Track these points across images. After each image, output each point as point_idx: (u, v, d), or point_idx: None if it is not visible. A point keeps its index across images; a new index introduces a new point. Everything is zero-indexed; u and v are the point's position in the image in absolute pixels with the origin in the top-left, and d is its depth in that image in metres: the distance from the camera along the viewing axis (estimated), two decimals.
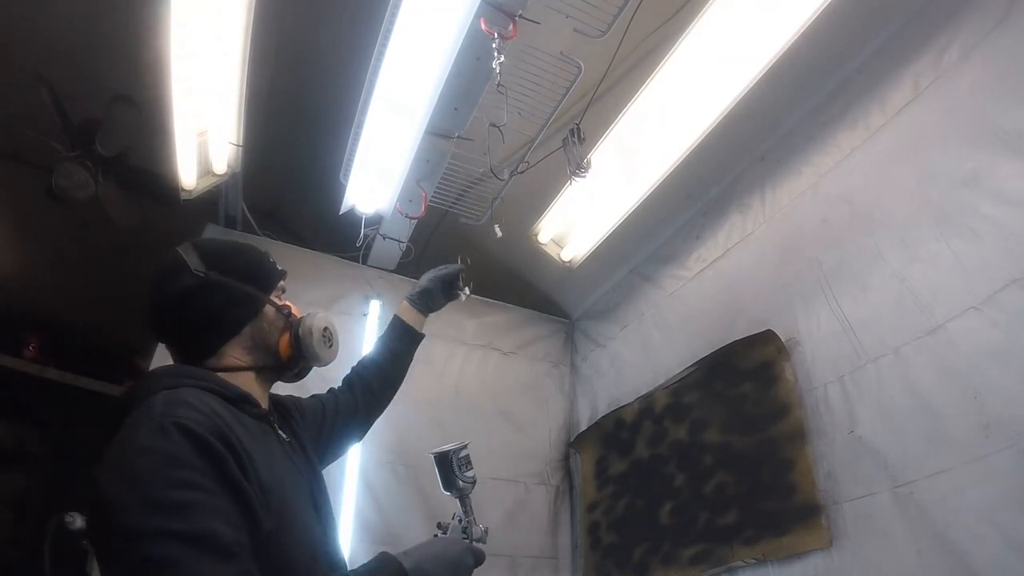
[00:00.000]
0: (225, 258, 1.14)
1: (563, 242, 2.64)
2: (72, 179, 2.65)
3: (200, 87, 1.95)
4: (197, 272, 1.08)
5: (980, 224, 1.50)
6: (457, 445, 1.25)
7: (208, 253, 1.13)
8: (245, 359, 1.10)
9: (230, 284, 1.10)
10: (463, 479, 1.22)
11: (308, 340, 1.14)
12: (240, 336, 1.10)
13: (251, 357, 1.11)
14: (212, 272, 1.09)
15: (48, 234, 3.50)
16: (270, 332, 1.13)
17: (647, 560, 2.20)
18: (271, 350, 1.13)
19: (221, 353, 1.09)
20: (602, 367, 2.86)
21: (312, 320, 1.17)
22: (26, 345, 4.24)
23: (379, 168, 2.11)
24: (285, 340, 1.14)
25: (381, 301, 2.72)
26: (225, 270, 1.11)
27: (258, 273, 1.16)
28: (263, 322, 1.13)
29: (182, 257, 1.10)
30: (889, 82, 1.81)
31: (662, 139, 2.09)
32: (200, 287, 1.08)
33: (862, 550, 1.57)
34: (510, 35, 1.60)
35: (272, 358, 1.13)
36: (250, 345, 1.11)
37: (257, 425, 1.03)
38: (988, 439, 1.36)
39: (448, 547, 1.10)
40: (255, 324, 1.12)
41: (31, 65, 2.37)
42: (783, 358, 1.90)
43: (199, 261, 1.10)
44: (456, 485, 1.22)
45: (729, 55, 1.81)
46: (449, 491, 1.23)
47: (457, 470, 1.22)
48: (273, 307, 1.15)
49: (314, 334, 1.15)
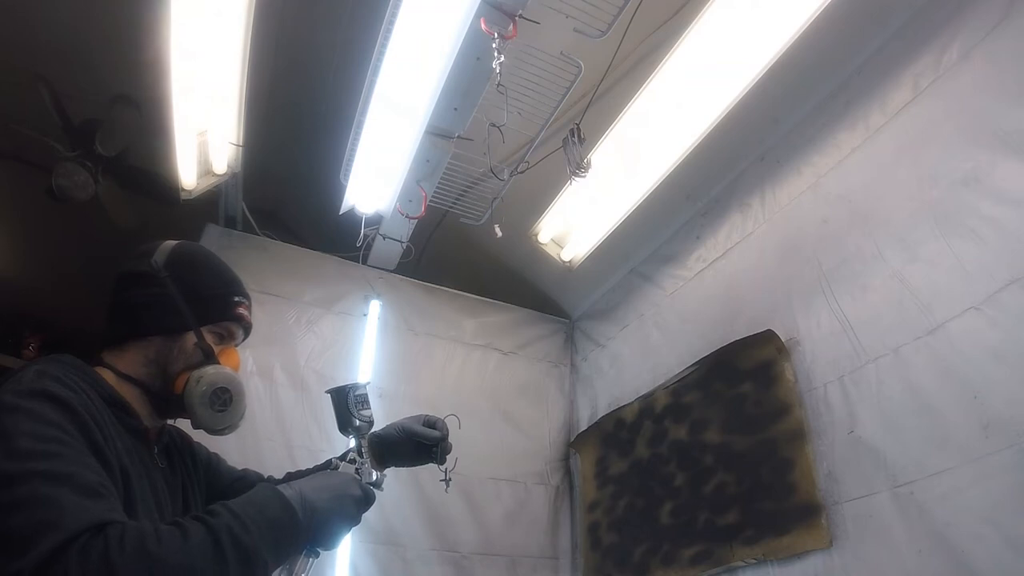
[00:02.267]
0: (191, 271, 1.11)
1: (563, 242, 2.64)
2: (72, 179, 2.65)
3: (200, 87, 1.95)
4: (153, 262, 1.08)
5: (980, 224, 1.50)
6: (355, 383, 1.21)
7: (179, 257, 1.11)
8: (138, 370, 1.04)
9: (168, 289, 1.07)
10: (359, 418, 1.17)
11: (191, 390, 1.03)
12: (145, 343, 1.05)
13: (145, 371, 1.04)
14: (165, 272, 1.07)
15: (48, 234, 3.50)
16: (176, 359, 1.06)
17: (647, 560, 2.20)
18: (166, 377, 1.05)
19: (123, 349, 1.05)
20: (602, 367, 2.86)
21: (208, 372, 1.05)
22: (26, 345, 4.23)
23: (379, 168, 2.11)
24: (183, 378, 1.05)
25: (381, 301, 2.72)
26: (178, 276, 1.08)
27: (205, 301, 1.10)
28: (175, 346, 1.06)
29: (159, 246, 1.10)
30: (889, 82, 1.81)
31: (662, 139, 2.09)
32: (141, 276, 1.08)
33: (862, 550, 1.57)
34: (510, 35, 1.60)
35: (162, 385, 1.05)
36: (152, 358, 1.05)
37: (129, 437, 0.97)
38: (988, 439, 1.36)
39: (331, 477, 1.04)
40: (166, 341, 1.06)
41: (31, 65, 2.37)
42: (783, 358, 1.90)
43: (165, 257, 1.09)
44: (351, 424, 1.17)
45: (729, 55, 1.81)
46: (344, 431, 1.18)
47: (353, 408, 1.17)
48: (196, 339, 1.07)
49: (200, 386, 1.04)
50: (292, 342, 2.47)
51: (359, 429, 1.17)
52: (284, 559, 0.91)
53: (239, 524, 0.82)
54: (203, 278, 1.13)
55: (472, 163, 2.06)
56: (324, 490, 0.97)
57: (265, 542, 0.84)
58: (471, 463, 2.51)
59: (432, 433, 1.25)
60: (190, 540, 0.78)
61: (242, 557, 0.80)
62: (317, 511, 0.93)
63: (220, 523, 0.81)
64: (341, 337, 2.58)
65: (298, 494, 0.92)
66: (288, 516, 0.89)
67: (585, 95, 2.02)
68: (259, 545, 0.82)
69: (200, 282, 1.11)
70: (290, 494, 0.91)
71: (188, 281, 1.09)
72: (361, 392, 1.20)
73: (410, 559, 2.31)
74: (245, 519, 0.83)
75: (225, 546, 0.79)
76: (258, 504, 0.88)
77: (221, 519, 0.82)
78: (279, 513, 0.89)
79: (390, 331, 2.69)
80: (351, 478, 1.06)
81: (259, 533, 0.83)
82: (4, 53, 2.38)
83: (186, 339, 1.07)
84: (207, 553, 0.78)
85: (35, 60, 2.38)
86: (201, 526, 0.80)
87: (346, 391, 1.19)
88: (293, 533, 0.89)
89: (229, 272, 1.19)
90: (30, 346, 4.24)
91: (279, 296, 2.51)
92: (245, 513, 0.84)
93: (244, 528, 0.82)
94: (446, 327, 2.84)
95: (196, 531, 0.79)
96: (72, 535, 0.71)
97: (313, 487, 0.96)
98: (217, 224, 2.55)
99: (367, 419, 1.18)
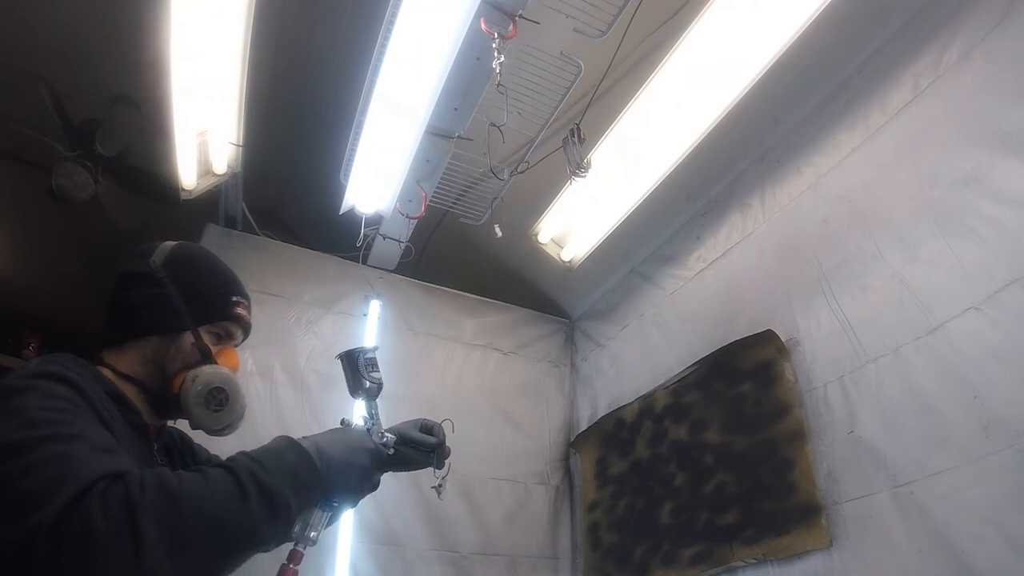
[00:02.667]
0: (190, 271, 1.12)
1: (563, 242, 2.64)
2: (72, 179, 2.65)
3: (200, 87, 1.95)
4: (152, 262, 1.08)
5: (980, 224, 1.50)
6: (362, 346, 1.22)
7: (178, 257, 1.12)
8: (137, 370, 1.05)
9: (166, 289, 1.07)
10: (370, 379, 1.19)
11: (187, 390, 1.04)
12: (144, 343, 1.06)
13: (143, 370, 1.05)
14: (163, 272, 1.08)
15: (48, 234, 3.50)
16: (173, 359, 1.07)
17: (647, 560, 2.20)
18: (164, 377, 1.06)
19: (122, 349, 1.06)
20: (602, 367, 2.86)
21: (204, 372, 1.06)
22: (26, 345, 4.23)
23: (379, 168, 2.11)
24: (180, 378, 1.06)
25: (381, 301, 2.72)
26: (177, 276, 1.09)
27: (204, 301, 1.11)
28: (172, 345, 1.07)
29: (158, 246, 1.12)
30: (889, 82, 1.81)
31: (662, 139, 2.09)
32: (140, 276, 1.08)
33: (862, 550, 1.57)
34: (510, 35, 1.60)
35: (160, 385, 1.06)
36: (150, 358, 1.06)
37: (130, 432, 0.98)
38: (988, 439, 1.36)
39: (345, 432, 1.07)
40: (163, 341, 1.07)
41: (31, 65, 2.37)
42: (783, 358, 1.90)
43: (164, 257, 1.10)
44: (363, 386, 1.18)
45: (729, 55, 1.81)
46: (355, 394, 1.19)
47: (364, 370, 1.19)
48: (194, 339, 1.08)
49: (195, 385, 1.04)
50: (292, 342, 2.47)
51: (369, 391, 1.19)
52: (304, 503, 0.93)
53: (259, 466, 0.85)
54: (202, 278, 1.14)
55: (472, 163, 2.06)
56: (339, 443, 1.01)
57: (286, 484, 0.86)
58: (471, 463, 2.53)
59: (427, 439, 1.24)
60: (211, 480, 0.80)
61: (264, 496, 0.82)
62: (333, 461, 0.96)
63: (240, 466, 0.84)
64: (341, 337, 2.58)
65: (314, 445, 0.96)
66: (306, 461, 0.93)
67: (585, 95, 2.02)
68: (280, 486, 0.85)
69: (199, 282, 1.12)
70: (307, 445, 0.95)
71: (187, 281, 1.10)
72: (370, 355, 1.21)
73: (410, 559, 2.31)
74: (265, 462, 0.86)
75: (247, 485, 0.81)
76: (276, 451, 0.92)
77: (240, 461, 0.85)
78: (297, 459, 0.92)
79: (390, 331, 2.69)
80: (363, 434, 1.09)
81: (279, 475, 0.86)
82: (4, 53, 2.38)
83: (184, 339, 1.08)
84: (230, 491, 0.80)
85: (35, 60, 2.38)
86: (221, 469, 0.83)
87: (356, 354, 1.19)
88: (311, 478, 0.92)
89: (229, 272, 1.19)
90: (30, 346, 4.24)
91: (279, 296, 2.51)
92: (264, 458, 0.88)
93: (264, 469, 0.85)
94: (446, 327, 2.84)
95: (216, 473, 0.82)
96: (90, 482, 0.71)
97: (328, 440, 1.00)
98: (217, 224, 2.55)
99: (377, 381, 1.20)
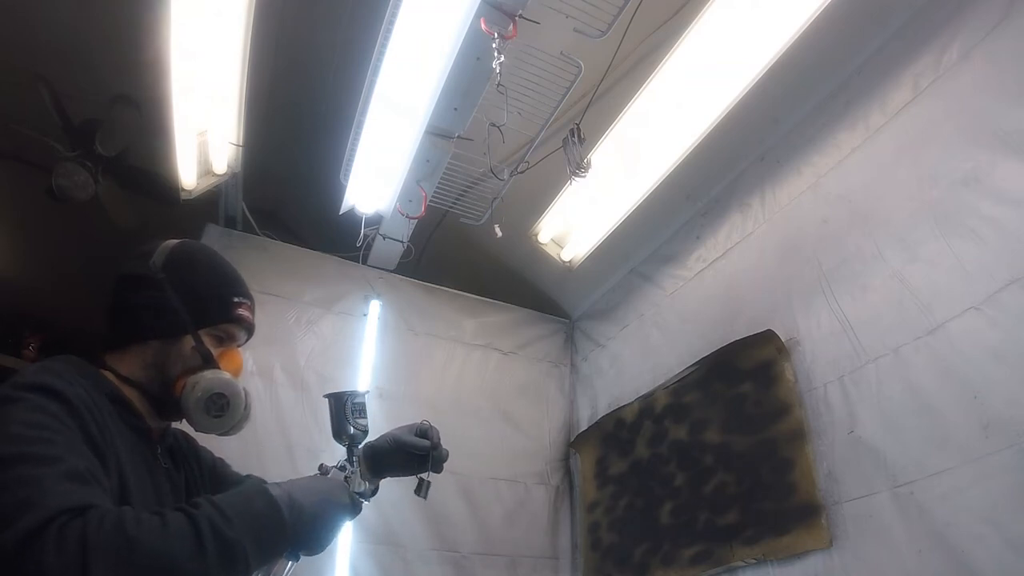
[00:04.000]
0: (190, 272, 1.10)
1: (563, 242, 2.64)
2: (72, 179, 2.65)
3: (200, 87, 1.95)
4: (151, 264, 1.07)
5: (980, 224, 1.50)
6: (355, 390, 1.19)
7: (178, 257, 1.10)
8: (138, 373, 1.04)
9: (166, 292, 1.05)
10: (355, 426, 1.16)
11: (187, 396, 1.03)
12: (145, 346, 1.05)
13: (145, 374, 1.04)
14: (162, 274, 1.06)
15: (48, 234, 3.50)
16: (174, 363, 1.05)
17: (647, 560, 2.20)
18: (165, 380, 1.04)
19: (123, 353, 1.05)
20: (602, 367, 2.86)
21: (204, 378, 1.04)
22: (26, 345, 4.23)
23: (379, 168, 2.11)
24: (181, 382, 1.04)
25: (381, 301, 2.72)
26: (177, 281, 1.07)
27: (204, 302, 1.09)
28: (173, 349, 1.05)
29: (159, 246, 1.10)
30: (889, 82, 1.81)
31: (662, 139, 2.09)
32: (139, 278, 1.06)
33: (862, 550, 1.57)
34: (510, 35, 1.60)
35: (162, 389, 1.04)
36: (150, 362, 1.04)
37: (132, 435, 0.98)
38: (988, 439, 1.36)
39: (321, 482, 1.04)
40: (164, 345, 1.05)
41: (31, 65, 2.37)
42: (783, 358, 1.90)
43: (163, 258, 1.08)
44: (347, 431, 1.16)
45: (729, 55, 1.81)
46: (338, 438, 1.17)
47: (350, 415, 1.16)
48: (195, 342, 1.06)
49: (195, 392, 1.03)
50: (292, 342, 2.47)
51: (353, 437, 1.16)
52: (267, 556, 0.90)
53: (221, 516, 0.82)
54: (202, 278, 1.11)
55: (472, 163, 2.06)
56: (312, 493, 0.96)
57: (247, 537, 0.83)
58: (471, 463, 2.53)
59: (421, 443, 1.21)
60: (169, 527, 0.78)
61: (222, 549, 0.80)
62: (303, 512, 0.92)
63: (202, 514, 0.81)
64: (341, 337, 2.58)
65: (286, 494, 0.92)
66: (273, 513, 0.88)
67: (585, 95, 2.02)
68: (241, 539, 0.82)
69: (198, 283, 1.10)
70: (278, 493, 0.91)
71: (187, 282, 1.08)
72: (359, 400, 1.19)
73: (410, 559, 2.31)
74: (228, 512, 0.83)
75: (205, 536, 0.79)
76: (244, 499, 0.88)
77: (203, 510, 0.82)
78: (264, 509, 0.88)
79: (390, 331, 2.69)
80: (340, 485, 1.06)
81: (242, 527, 0.83)
82: (4, 53, 2.38)
83: (184, 342, 1.06)
84: (186, 541, 0.78)
85: (35, 60, 2.38)
86: (182, 515, 0.80)
87: (344, 398, 1.17)
88: (277, 531, 0.88)
89: (230, 272, 1.17)
90: (30, 346, 4.24)
91: (279, 296, 2.51)
92: (229, 506, 0.84)
93: (226, 520, 0.82)
94: (446, 327, 2.84)
95: (176, 519, 0.79)
96: (52, 515, 0.72)
97: (302, 488, 0.96)
98: (217, 224, 2.55)
99: (362, 428, 1.17)
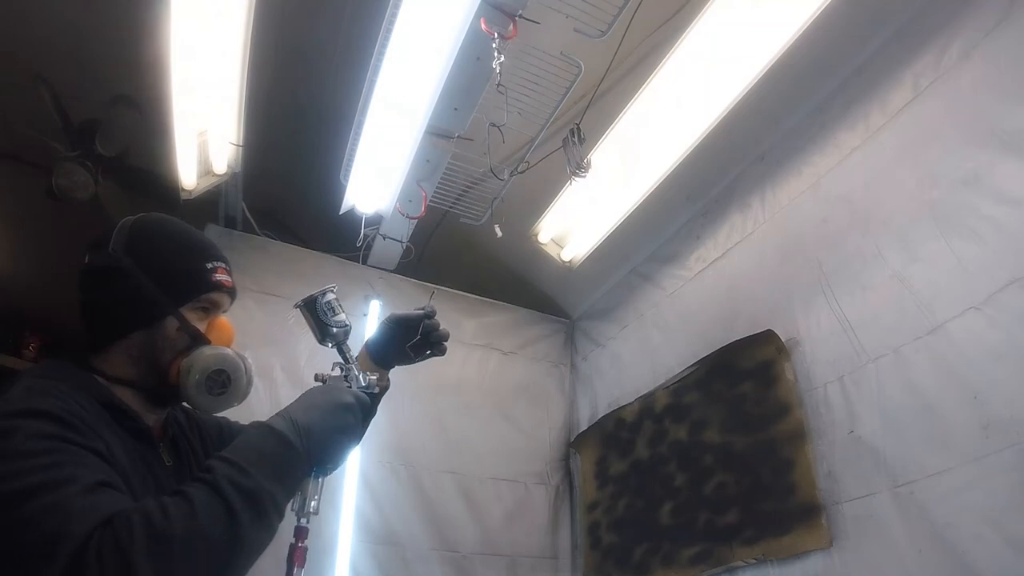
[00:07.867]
0: (152, 247, 1.02)
1: (563, 242, 2.64)
2: (72, 179, 2.64)
3: (200, 87, 1.95)
4: (112, 252, 0.99)
5: (980, 224, 1.50)
6: (322, 289, 1.13)
7: (137, 234, 1.02)
8: (127, 371, 0.98)
9: (136, 279, 0.98)
10: (334, 324, 1.12)
11: (184, 380, 0.98)
12: (128, 340, 0.99)
13: (134, 370, 0.98)
14: (128, 258, 0.99)
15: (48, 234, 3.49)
16: (163, 350, 0.99)
17: (647, 560, 2.20)
18: (158, 370, 0.99)
19: (107, 352, 0.99)
20: (602, 367, 2.86)
21: (198, 358, 0.99)
22: (26, 345, 4.22)
23: (379, 168, 2.11)
24: (176, 366, 0.99)
25: (381, 301, 2.72)
26: (143, 261, 1.00)
27: (178, 278, 1.01)
28: (157, 336, 0.99)
29: (114, 230, 1.02)
30: (889, 82, 1.81)
31: (662, 139, 2.09)
32: (104, 270, 0.99)
33: (862, 550, 1.58)
34: (510, 35, 1.60)
35: (157, 379, 0.99)
36: (136, 356, 0.99)
37: (131, 440, 0.94)
38: (988, 439, 1.36)
39: (317, 394, 0.99)
40: (148, 334, 0.99)
41: (31, 65, 2.37)
42: (783, 358, 1.90)
43: (124, 241, 1.01)
44: (328, 332, 1.12)
45: (729, 55, 1.81)
46: (323, 341, 1.13)
47: (327, 315, 1.11)
48: (179, 323, 1.00)
49: (192, 374, 0.97)
50: (292, 342, 2.47)
51: (336, 335, 1.12)
52: (292, 489, 0.89)
53: (237, 470, 0.80)
54: (169, 254, 1.04)
55: (472, 163, 2.06)
56: (314, 408, 0.94)
57: (268, 479, 0.82)
58: (471, 463, 2.52)
59: (413, 312, 1.21)
60: (195, 503, 0.76)
61: (249, 501, 0.79)
62: (313, 433, 0.89)
63: (218, 476, 0.80)
64: None
65: (290, 422, 0.89)
66: (285, 450, 0.86)
67: (585, 95, 2.02)
68: (262, 483, 0.81)
69: (167, 259, 1.03)
70: (283, 426, 0.88)
71: (154, 262, 1.01)
72: (330, 298, 1.12)
73: (410, 559, 2.31)
74: (242, 463, 0.81)
75: (230, 496, 0.78)
76: (251, 445, 0.86)
77: (218, 471, 0.80)
78: (274, 448, 0.86)
79: None
80: (339, 387, 1.02)
81: (261, 472, 0.82)
82: (4, 53, 2.38)
83: (168, 325, 1.00)
84: (214, 509, 0.77)
85: (35, 60, 2.38)
86: (201, 485, 0.79)
87: (315, 301, 1.11)
88: (296, 464, 0.87)
89: (196, 238, 1.10)
90: (30, 346, 4.23)
91: (279, 296, 2.51)
92: (241, 457, 0.82)
93: (243, 472, 0.80)
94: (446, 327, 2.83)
95: (198, 492, 0.78)
96: (84, 539, 0.71)
97: (303, 408, 0.93)
98: (217, 224, 2.55)
99: (341, 324, 1.12)
